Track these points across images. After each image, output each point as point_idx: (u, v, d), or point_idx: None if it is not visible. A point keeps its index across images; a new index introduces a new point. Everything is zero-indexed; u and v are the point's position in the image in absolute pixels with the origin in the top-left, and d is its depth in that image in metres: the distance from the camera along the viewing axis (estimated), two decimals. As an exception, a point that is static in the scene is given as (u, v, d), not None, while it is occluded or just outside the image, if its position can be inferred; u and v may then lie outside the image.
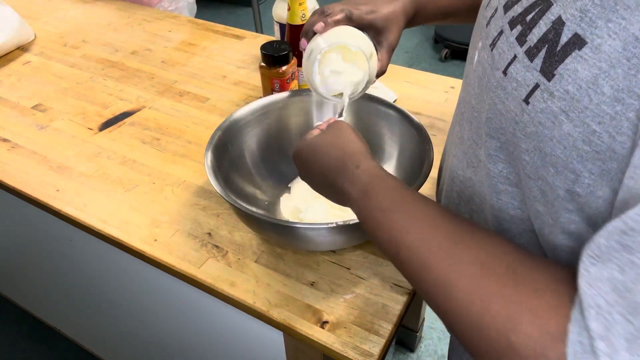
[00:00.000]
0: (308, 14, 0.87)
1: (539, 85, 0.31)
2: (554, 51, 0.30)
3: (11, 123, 0.95)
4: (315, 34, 0.63)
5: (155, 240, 0.71)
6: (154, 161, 0.84)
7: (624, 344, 0.25)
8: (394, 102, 0.93)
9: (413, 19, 0.67)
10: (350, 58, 0.63)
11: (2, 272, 1.38)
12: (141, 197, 0.78)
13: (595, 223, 0.31)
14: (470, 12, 0.66)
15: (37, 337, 1.50)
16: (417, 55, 2.79)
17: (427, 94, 0.97)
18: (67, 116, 0.96)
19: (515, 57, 0.33)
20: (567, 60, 0.29)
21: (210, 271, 0.66)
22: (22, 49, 1.18)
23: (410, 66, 1.29)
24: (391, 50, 0.66)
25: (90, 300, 1.10)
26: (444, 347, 1.46)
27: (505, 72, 0.34)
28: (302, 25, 0.87)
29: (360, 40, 0.62)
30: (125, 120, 0.94)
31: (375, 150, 0.77)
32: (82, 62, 1.12)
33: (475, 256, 0.33)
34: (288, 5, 0.86)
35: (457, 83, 1.00)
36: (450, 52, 2.72)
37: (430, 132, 0.87)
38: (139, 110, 0.97)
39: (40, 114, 0.97)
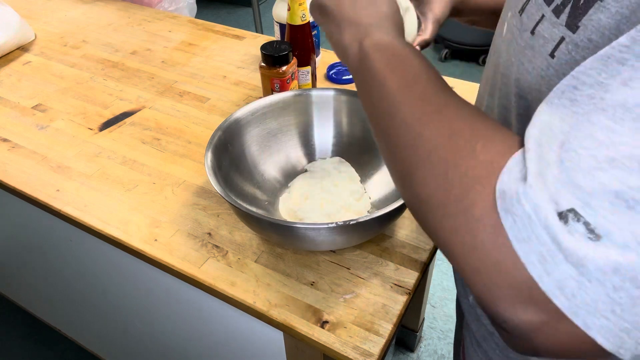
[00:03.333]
0: (308, 14, 0.87)
1: (564, 39, 0.33)
2: (578, 4, 0.31)
3: (11, 123, 0.95)
4: None
5: (156, 240, 0.71)
6: (154, 161, 0.84)
7: (552, 149, 0.27)
8: None
9: (462, 2, 0.67)
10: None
11: (2, 272, 1.38)
12: (141, 197, 0.78)
13: None
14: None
15: (37, 337, 1.50)
16: (417, 56, 2.79)
17: (427, 94, 0.97)
18: (67, 116, 0.96)
19: (542, 16, 0.35)
20: (590, 11, 0.30)
21: (210, 271, 0.66)
22: (23, 49, 1.18)
23: (410, 66, 1.28)
24: (437, 21, 0.66)
25: (90, 300, 1.10)
26: (444, 347, 1.46)
27: (533, 32, 0.36)
28: (302, 25, 0.88)
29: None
30: (125, 120, 0.94)
31: (376, 150, 0.77)
32: (82, 62, 1.12)
33: (467, 112, 0.35)
34: (288, 5, 0.86)
35: (457, 83, 1.00)
36: (450, 52, 2.72)
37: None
38: (139, 110, 0.97)
39: (41, 114, 0.97)
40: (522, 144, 0.31)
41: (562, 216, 0.26)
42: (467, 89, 0.99)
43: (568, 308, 0.26)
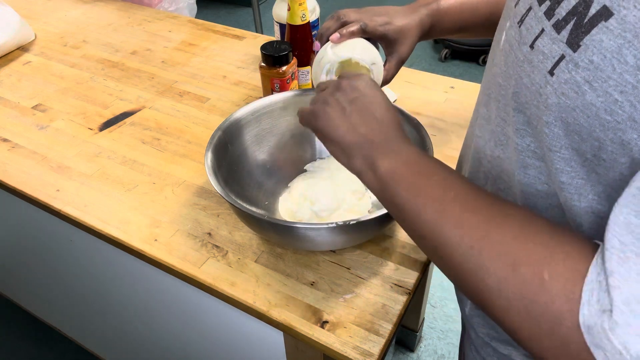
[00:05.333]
0: (308, 14, 0.87)
1: (565, 57, 0.32)
2: (582, 22, 0.31)
3: (11, 123, 0.95)
4: (328, 40, 0.66)
5: (156, 240, 0.71)
6: (154, 161, 0.84)
7: (635, 277, 0.27)
8: (394, 102, 0.93)
9: (429, 32, 0.69)
10: (357, 68, 0.65)
11: (2, 272, 1.38)
12: (141, 197, 0.78)
13: (614, 198, 0.33)
14: (486, 27, 0.69)
15: (37, 337, 1.50)
16: (417, 55, 2.79)
17: (427, 94, 0.97)
18: (67, 116, 0.96)
19: (542, 30, 0.34)
20: (593, 31, 0.30)
21: (210, 271, 0.66)
22: (23, 49, 1.18)
23: (410, 66, 1.29)
24: (400, 62, 0.68)
25: (91, 300, 1.10)
26: (443, 347, 1.47)
27: (532, 46, 0.35)
28: (302, 25, 0.87)
29: (368, 54, 0.65)
30: (125, 120, 0.94)
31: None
32: (82, 62, 1.12)
33: (510, 223, 0.36)
34: (288, 5, 0.86)
35: (457, 83, 1.00)
36: (450, 52, 2.72)
37: (430, 132, 0.87)
38: (139, 110, 0.97)
39: (41, 114, 0.97)
40: (583, 253, 0.31)
41: None
42: (467, 89, 0.99)
43: None
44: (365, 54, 0.65)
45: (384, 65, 0.69)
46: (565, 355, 0.31)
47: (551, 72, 0.33)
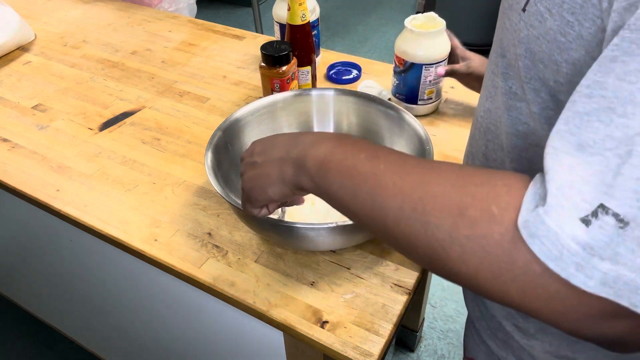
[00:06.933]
0: (308, 14, 0.87)
1: None
2: None
3: (11, 123, 0.95)
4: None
5: (156, 240, 0.71)
6: (154, 161, 0.84)
7: (567, 169, 0.29)
8: (380, 94, 0.93)
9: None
10: None
11: (2, 272, 1.38)
12: (141, 197, 0.78)
13: None
14: None
15: (37, 337, 1.50)
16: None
17: (427, 94, 0.97)
18: (67, 116, 0.96)
19: None
20: None
21: (210, 271, 0.66)
22: (23, 49, 1.18)
23: (410, 66, 1.28)
24: (467, 67, 0.84)
25: (91, 300, 1.10)
26: (443, 347, 1.46)
27: None
28: (302, 25, 0.87)
29: None
30: (125, 120, 0.94)
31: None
32: (82, 62, 1.12)
33: (445, 175, 0.37)
34: (288, 5, 0.86)
35: (457, 83, 1.00)
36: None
37: (430, 132, 0.87)
38: (139, 110, 0.97)
39: (41, 114, 0.97)
40: (522, 181, 0.33)
41: (587, 219, 0.28)
42: (467, 89, 0.99)
43: (627, 299, 0.28)
44: None
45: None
46: (526, 281, 0.31)
47: (524, 9, 0.38)
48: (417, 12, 1.11)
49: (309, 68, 0.93)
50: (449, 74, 0.85)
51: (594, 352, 0.46)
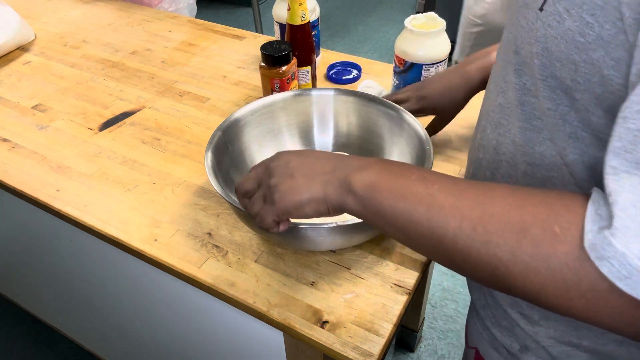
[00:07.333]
0: (308, 14, 0.87)
1: None
2: None
3: (11, 123, 0.95)
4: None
5: (155, 240, 0.71)
6: (154, 161, 0.84)
7: (629, 188, 0.30)
8: (380, 94, 0.93)
9: (481, 85, 0.75)
10: None
11: (2, 272, 1.38)
12: (141, 197, 0.78)
13: (594, 123, 0.38)
14: None
15: (37, 337, 1.50)
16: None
17: (427, 94, 0.97)
18: (67, 116, 0.96)
19: None
20: None
21: (210, 271, 0.66)
22: (23, 49, 1.18)
23: (410, 66, 1.28)
24: (443, 121, 0.80)
25: (90, 300, 1.10)
26: (443, 347, 1.46)
27: None
28: (302, 25, 0.87)
29: None
30: (125, 120, 0.94)
31: (375, 150, 0.77)
32: (82, 62, 1.12)
33: (500, 196, 0.38)
34: (288, 5, 0.86)
35: (457, 83, 1.00)
36: (450, 52, 2.72)
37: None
38: (139, 110, 0.97)
39: (41, 114, 0.97)
40: (579, 200, 0.34)
41: None
42: (467, 89, 0.99)
43: None
44: None
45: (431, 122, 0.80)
46: (593, 298, 0.32)
47: (541, 9, 0.38)
48: (417, 12, 1.12)
49: (309, 68, 0.93)
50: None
51: (597, 338, 0.47)
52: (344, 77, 1.02)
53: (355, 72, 1.03)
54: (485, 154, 0.52)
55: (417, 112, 0.76)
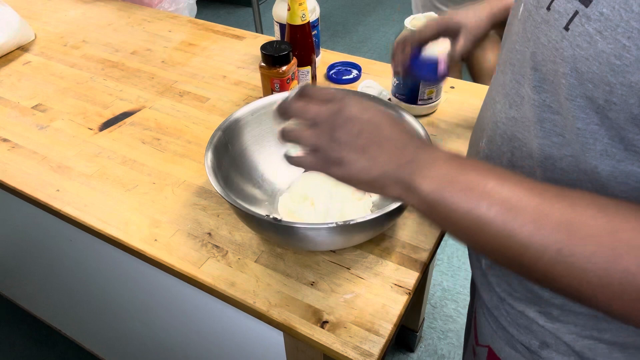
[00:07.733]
0: (308, 14, 0.87)
1: (578, 12, 0.36)
2: None
3: (11, 123, 0.95)
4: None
5: (155, 240, 0.71)
6: (154, 161, 0.84)
7: None
8: (380, 94, 0.93)
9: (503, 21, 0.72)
10: None
11: (2, 272, 1.38)
12: (141, 197, 0.78)
13: (628, 139, 0.37)
14: None
15: (37, 337, 1.50)
16: (417, 56, 2.79)
17: (427, 94, 0.97)
18: (67, 116, 0.96)
19: None
20: None
21: (210, 271, 0.66)
22: (22, 49, 1.18)
23: (410, 66, 1.28)
24: (469, 35, 0.74)
25: (91, 300, 1.10)
26: (444, 347, 1.46)
27: (548, 8, 0.39)
28: (302, 25, 0.87)
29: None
30: (125, 120, 0.94)
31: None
32: (82, 62, 1.12)
33: (591, 214, 0.36)
34: (288, 5, 0.86)
35: (457, 83, 1.00)
36: (450, 52, 2.72)
37: (430, 132, 0.87)
38: (139, 110, 0.97)
39: (41, 114, 0.97)
40: None
41: None
42: (467, 89, 0.99)
43: None
44: None
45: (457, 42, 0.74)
46: None
47: (566, 28, 0.37)
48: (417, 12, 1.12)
49: (309, 68, 0.93)
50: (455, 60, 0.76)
51: (619, 331, 0.47)
52: (344, 77, 1.02)
53: (355, 72, 1.03)
54: (496, 165, 0.50)
55: (443, 32, 0.73)
